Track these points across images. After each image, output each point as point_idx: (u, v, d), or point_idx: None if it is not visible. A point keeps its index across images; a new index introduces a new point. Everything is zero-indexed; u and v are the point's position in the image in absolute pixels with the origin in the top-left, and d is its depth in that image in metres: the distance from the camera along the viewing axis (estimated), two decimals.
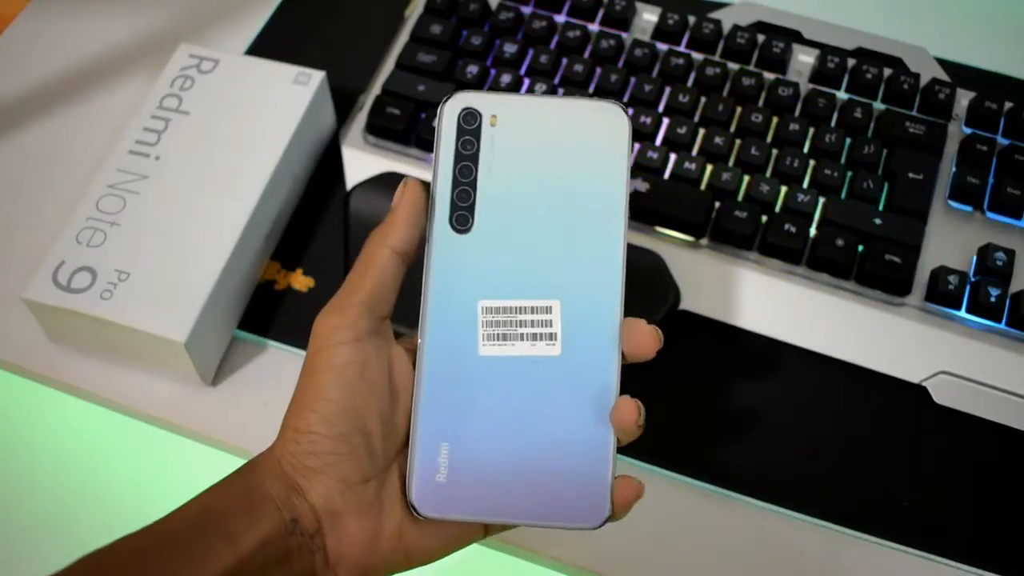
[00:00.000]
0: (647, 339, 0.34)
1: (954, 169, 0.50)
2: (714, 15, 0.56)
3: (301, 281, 0.50)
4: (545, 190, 0.34)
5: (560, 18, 0.56)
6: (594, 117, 0.35)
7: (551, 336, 0.34)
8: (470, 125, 0.35)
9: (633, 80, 0.53)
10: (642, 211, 0.49)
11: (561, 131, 0.35)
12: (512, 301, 0.34)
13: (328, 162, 0.54)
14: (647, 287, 0.48)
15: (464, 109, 0.35)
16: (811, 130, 0.51)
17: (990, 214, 0.49)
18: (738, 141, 0.51)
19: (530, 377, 0.34)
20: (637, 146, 0.50)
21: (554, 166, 0.34)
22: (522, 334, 0.34)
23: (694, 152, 0.51)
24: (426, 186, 0.35)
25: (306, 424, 0.32)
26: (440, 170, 0.34)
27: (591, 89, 0.52)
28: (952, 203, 0.50)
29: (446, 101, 0.35)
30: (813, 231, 0.48)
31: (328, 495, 0.32)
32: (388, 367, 0.34)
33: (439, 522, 0.33)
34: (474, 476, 0.33)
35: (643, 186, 0.49)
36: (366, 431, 0.33)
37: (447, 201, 0.34)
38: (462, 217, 0.34)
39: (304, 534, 0.32)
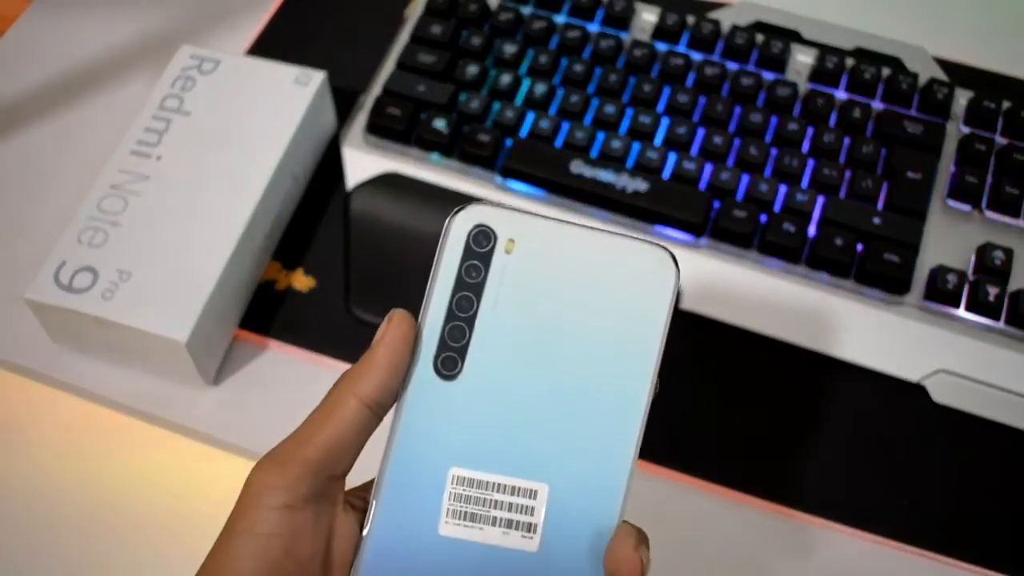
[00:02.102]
0: (627, 566, 0.27)
1: (953, 168, 0.51)
2: (713, 15, 0.57)
3: (302, 281, 0.50)
4: (558, 342, 0.28)
5: (560, 18, 0.56)
6: (635, 261, 0.29)
7: (530, 527, 0.28)
8: (481, 247, 0.29)
9: (632, 80, 0.53)
10: (641, 211, 0.49)
11: (591, 272, 0.29)
12: (490, 475, 0.28)
13: (329, 162, 0.54)
14: None
15: (477, 227, 0.29)
16: (810, 130, 0.51)
17: (989, 213, 0.49)
18: (737, 141, 0.51)
19: (494, 574, 0.28)
20: (637, 146, 0.50)
21: (575, 314, 0.28)
22: (495, 518, 0.28)
23: (693, 152, 0.51)
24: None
25: None
26: (434, 298, 0.29)
27: (590, 90, 0.53)
28: (951, 202, 0.50)
29: (457, 213, 0.29)
30: (812, 230, 0.49)
31: None
32: (326, 540, 0.28)
33: None
34: None
35: (643, 185, 0.49)
36: None
37: (435, 337, 0.28)
38: (450, 360, 0.28)
39: None
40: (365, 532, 0.28)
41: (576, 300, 0.29)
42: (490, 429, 0.28)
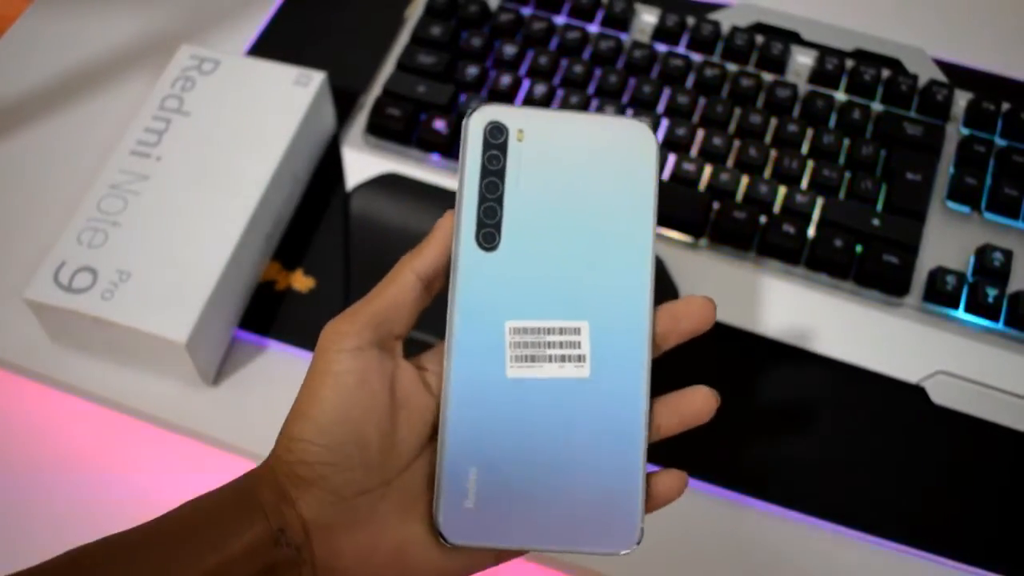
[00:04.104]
0: (704, 311, 0.35)
1: (952, 170, 0.51)
2: (713, 16, 0.57)
3: (302, 281, 0.50)
4: (573, 207, 0.34)
5: (560, 19, 0.56)
6: (620, 135, 0.34)
7: (580, 358, 0.33)
8: (496, 139, 0.34)
9: (632, 81, 0.53)
10: None
11: (588, 148, 0.34)
12: (540, 322, 0.33)
13: (328, 162, 0.54)
14: None
15: (490, 123, 0.34)
16: (810, 131, 0.51)
17: (988, 215, 0.50)
18: (737, 142, 0.51)
19: (559, 399, 0.33)
20: None
21: (582, 183, 0.34)
22: (551, 356, 0.33)
23: (693, 153, 0.51)
24: None
25: (299, 431, 0.32)
26: (466, 186, 0.33)
27: (591, 91, 0.53)
28: (950, 204, 0.50)
29: (471, 114, 0.34)
30: (812, 231, 0.49)
31: (318, 507, 0.31)
32: (390, 382, 0.33)
33: (466, 549, 0.32)
34: (503, 502, 0.32)
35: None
36: (363, 442, 0.32)
37: (473, 217, 0.33)
38: (489, 235, 0.33)
39: (291, 545, 0.31)
40: (445, 383, 0.33)
41: (581, 171, 0.34)
42: (532, 284, 0.33)
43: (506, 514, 0.32)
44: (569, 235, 0.33)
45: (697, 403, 0.34)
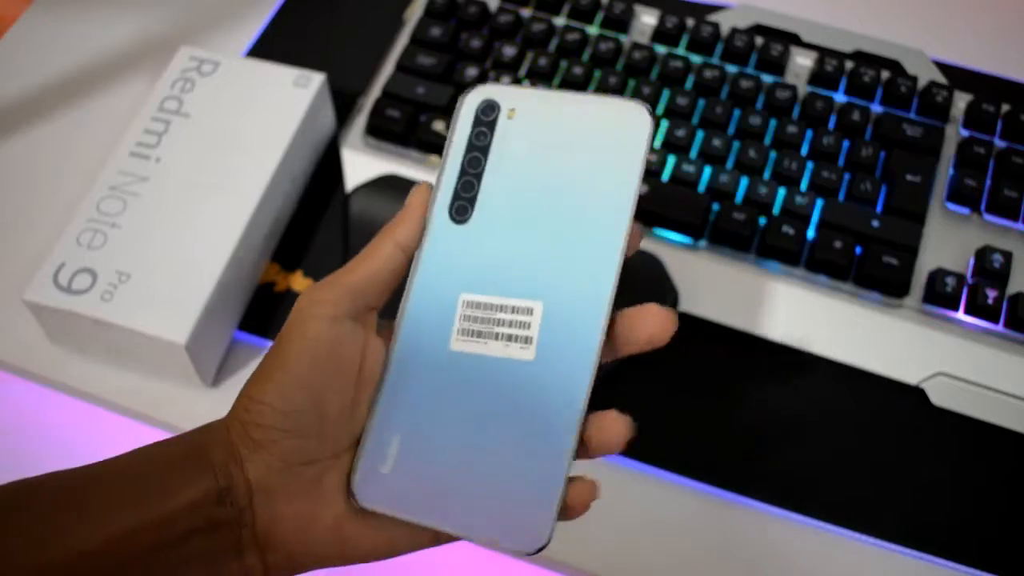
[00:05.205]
0: (663, 322, 0.32)
1: (952, 171, 0.51)
2: (712, 18, 0.57)
3: (301, 283, 0.50)
4: (552, 188, 0.33)
5: (559, 20, 0.56)
6: (615, 116, 0.33)
7: (527, 339, 0.32)
8: (487, 117, 0.34)
9: (632, 83, 0.53)
10: (641, 213, 0.49)
11: (579, 129, 0.33)
12: (495, 298, 0.32)
13: (328, 164, 0.54)
14: (645, 289, 0.48)
15: (484, 101, 0.34)
16: (809, 132, 0.51)
17: (988, 216, 0.50)
18: (737, 143, 0.51)
19: (497, 380, 0.32)
20: None
21: (566, 165, 0.33)
22: (497, 333, 0.32)
23: (693, 154, 0.51)
24: None
25: (260, 393, 0.31)
26: (449, 158, 0.34)
27: (590, 92, 0.53)
28: (950, 205, 0.50)
29: (468, 92, 0.34)
30: (811, 233, 0.49)
31: (265, 472, 0.31)
32: (361, 355, 0.32)
33: (377, 516, 0.32)
34: (420, 475, 0.32)
35: (642, 188, 0.49)
36: (322, 412, 0.31)
37: (450, 190, 0.33)
38: (462, 207, 0.33)
39: (234, 505, 0.30)
40: (390, 346, 0.33)
41: (568, 153, 0.33)
42: (495, 261, 0.33)
43: (421, 488, 0.31)
44: (542, 216, 0.33)
45: (611, 429, 0.32)
